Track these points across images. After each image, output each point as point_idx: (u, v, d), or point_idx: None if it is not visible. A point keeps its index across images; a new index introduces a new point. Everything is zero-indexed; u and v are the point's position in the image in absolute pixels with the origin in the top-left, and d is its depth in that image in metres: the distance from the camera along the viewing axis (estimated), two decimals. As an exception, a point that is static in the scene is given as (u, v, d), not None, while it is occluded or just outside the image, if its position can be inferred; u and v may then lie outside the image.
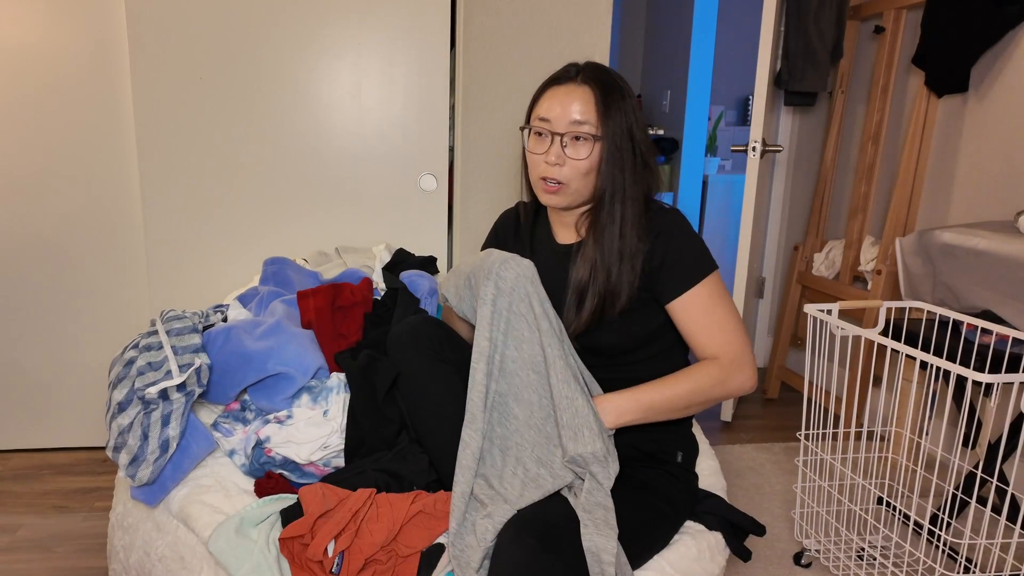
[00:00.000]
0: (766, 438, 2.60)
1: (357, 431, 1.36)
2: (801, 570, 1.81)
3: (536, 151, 1.27)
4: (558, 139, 1.23)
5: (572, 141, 1.23)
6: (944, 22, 2.26)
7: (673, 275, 1.24)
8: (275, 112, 2.11)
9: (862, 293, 2.59)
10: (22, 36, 2.09)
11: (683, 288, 1.24)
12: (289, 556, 1.15)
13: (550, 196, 1.27)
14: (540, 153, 1.26)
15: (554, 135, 1.23)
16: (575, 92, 1.23)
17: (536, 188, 1.30)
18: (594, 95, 1.23)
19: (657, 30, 4.53)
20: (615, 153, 1.23)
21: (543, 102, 1.26)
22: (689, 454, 1.37)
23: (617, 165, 1.23)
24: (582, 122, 1.22)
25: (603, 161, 1.24)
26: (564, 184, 1.25)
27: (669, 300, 1.26)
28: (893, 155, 2.64)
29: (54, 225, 2.22)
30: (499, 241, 1.48)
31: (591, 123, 1.22)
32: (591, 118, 1.22)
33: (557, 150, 1.23)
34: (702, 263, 1.25)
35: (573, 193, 1.26)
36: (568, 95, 1.23)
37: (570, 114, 1.22)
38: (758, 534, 1.34)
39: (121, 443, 1.32)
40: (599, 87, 1.23)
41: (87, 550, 1.84)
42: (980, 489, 1.70)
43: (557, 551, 1.06)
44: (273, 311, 1.55)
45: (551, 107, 1.24)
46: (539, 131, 1.26)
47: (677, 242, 1.24)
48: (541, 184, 1.27)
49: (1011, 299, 1.69)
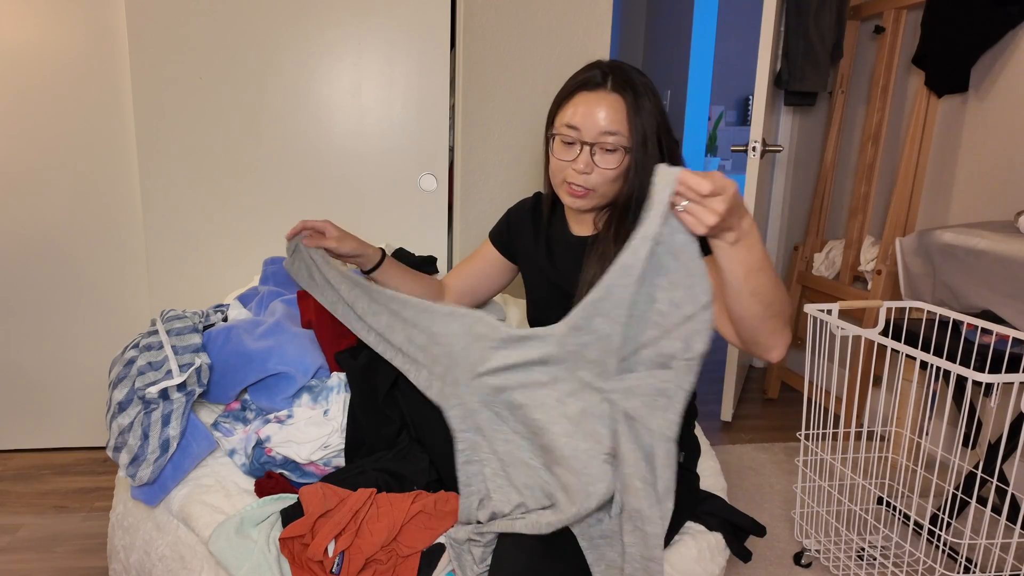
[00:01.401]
0: (766, 438, 2.60)
1: (357, 431, 1.36)
2: (801, 570, 1.81)
3: (563, 157, 1.23)
4: (587, 148, 1.20)
5: (601, 151, 1.20)
6: (944, 22, 2.26)
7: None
8: (275, 112, 2.11)
9: (862, 293, 2.59)
10: (22, 36, 2.09)
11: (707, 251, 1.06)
12: (289, 556, 1.15)
13: (575, 200, 1.25)
14: (568, 160, 1.22)
15: (583, 144, 1.20)
16: (605, 100, 1.19)
17: (559, 189, 1.27)
18: (625, 104, 1.19)
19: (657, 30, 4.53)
20: (643, 160, 1.20)
21: (570, 108, 1.22)
22: (691, 455, 1.37)
23: (645, 171, 1.20)
24: (612, 132, 1.18)
25: (631, 169, 1.21)
26: (591, 190, 1.22)
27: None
28: (893, 155, 2.64)
29: (54, 225, 2.22)
30: (512, 231, 1.48)
31: (621, 133, 1.19)
32: (622, 128, 1.19)
33: (586, 159, 1.20)
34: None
35: (599, 198, 1.24)
36: (598, 103, 1.19)
37: (600, 124, 1.19)
38: (758, 534, 1.33)
39: (121, 443, 1.32)
40: (630, 95, 1.19)
41: (87, 550, 1.84)
42: (980, 489, 1.70)
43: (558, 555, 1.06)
44: (273, 311, 1.55)
45: (579, 115, 1.20)
46: (567, 139, 1.22)
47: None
48: (566, 187, 1.24)
49: (1011, 299, 1.69)
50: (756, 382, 3.21)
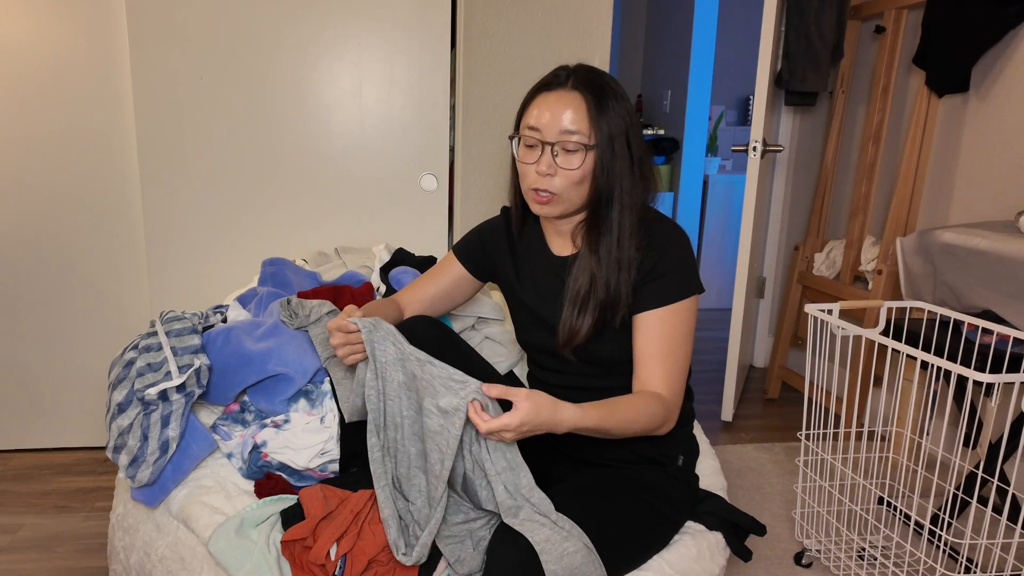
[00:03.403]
0: (767, 438, 2.60)
1: (349, 445, 1.36)
2: (802, 570, 1.81)
3: (526, 161, 1.21)
4: (548, 149, 1.18)
5: (563, 151, 1.18)
6: (945, 22, 2.26)
7: (655, 288, 1.20)
8: (275, 112, 2.11)
9: (863, 293, 2.59)
10: (22, 36, 2.09)
11: (661, 302, 1.20)
12: (291, 558, 1.15)
13: (542, 207, 1.22)
14: (531, 163, 1.20)
15: (544, 144, 1.18)
16: (565, 99, 1.18)
17: (528, 198, 1.24)
18: (585, 101, 1.17)
19: (658, 30, 4.53)
20: (609, 161, 1.18)
21: (532, 110, 1.21)
22: (689, 457, 1.37)
23: (611, 173, 1.19)
24: (573, 131, 1.16)
25: (596, 169, 1.19)
26: (556, 195, 1.20)
27: (641, 311, 1.21)
28: (894, 155, 2.64)
29: (54, 226, 2.22)
30: (485, 249, 1.43)
31: (582, 132, 1.16)
32: (583, 127, 1.16)
33: (548, 160, 1.18)
34: (688, 283, 1.21)
35: (565, 203, 1.22)
36: (558, 102, 1.18)
37: (560, 123, 1.17)
38: (759, 534, 1.33)
39: (121, 444, 1.32)
40: (591, 92, 1.17)
41: (88, 550, 1.85)
42: (981, 489, 1.70)
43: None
44: (272, 312, 1.55)
45: (540, 115, 1.18)
46: (529, 142, 1.21)
47: (669, 258, 1.21)
48: (532, 194, 1.22)
49: (1012, 299, 1.68)
50: (757, 382, 3.21)
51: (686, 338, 1.21)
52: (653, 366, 1.20)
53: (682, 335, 1.21)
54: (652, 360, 1.20)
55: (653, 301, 1.20)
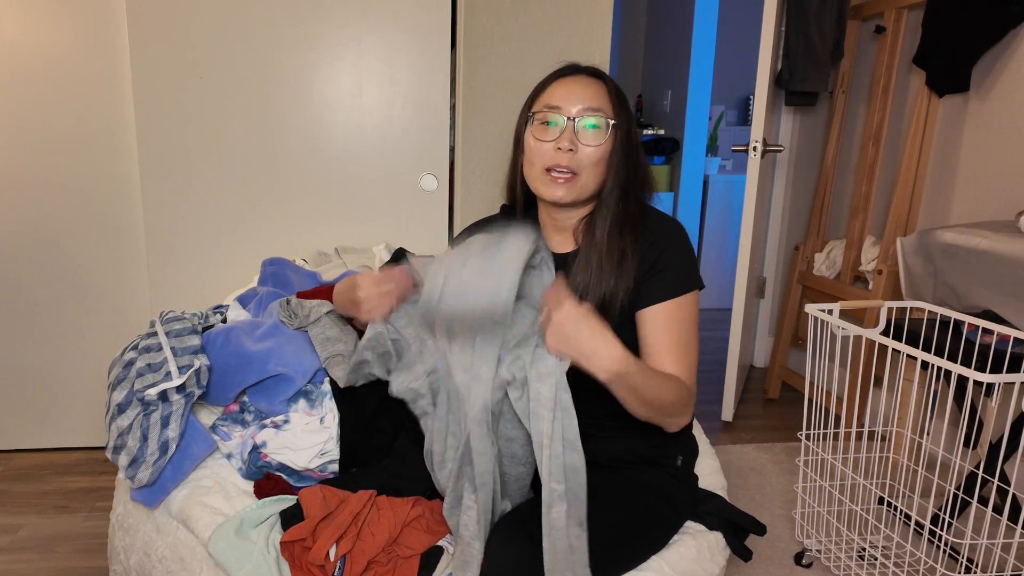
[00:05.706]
0: (767, 438, 2.60)
1: (348, 447, 1.35)
2: (802, 570, 1.81)
3: (544, 139, 1.19)
4: (571, 124, 1.17)
5: (584, 129, 1.17)
6: (945, 22, 2.25)
7: (657, 282, 1.20)
8: (276, 112, 2.11)
9: (863, 293, 2.58)
10: (22, 36, 2.09)
11: (665, 297, 1.19)
12: (290, 559, 1.15)
13: (558, 188, 1.19)
14: (549, 140, 1.18)
15: (567, 119, 1.17)
16: (584, 82, 1.20)
17: (540, 182, 1.21)
18: (607, 86, 1.20)
19: (658, 30, 4.53)
20: (627, 145, 1.19)
21: (551, 91, 1.21)
22: (689, 457, 1.36)
23: (627, 158, 1.20)
24: (596, 108, 1.17)
25: (615, 152, 1.19)
26: (576, 174, 1.18)
27: (645, 306, 1.20)
28: (894, 155, 2.64)
29: (54, 226, 2.22)
30: None
31: (605, 111, 1.18)
32: (605, 107, 1.18)
33: (570, 135, 1.16)
34: (690, 278, 1.21)
35: (582, 186, 1.20)
36: (578, 84, 1.19)
37: (584, 100, 1.17)
38: (759, 534, 1.33)
39: (120, 444, 1.32)
40: (608, 82, 1.22)
41: (88, 550, 1.85)
42: (981, 489, 1.70)
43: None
44: (272, 312, 1.55)
45: (561, 94, 1.19)
46: (546, 120, 1.19)
47: (671, 252, 1.21)
48: (546, 177, 1.20)
49: (1012, 299, 1.68)
50: (757, 382, 3.21)
51: (693, 330, 1.22)
52: (666, 358, 1.19)
53: (690, 326, 1.21)
54: (664, 352, 1.19)
55: (657, 296, 1.20)
